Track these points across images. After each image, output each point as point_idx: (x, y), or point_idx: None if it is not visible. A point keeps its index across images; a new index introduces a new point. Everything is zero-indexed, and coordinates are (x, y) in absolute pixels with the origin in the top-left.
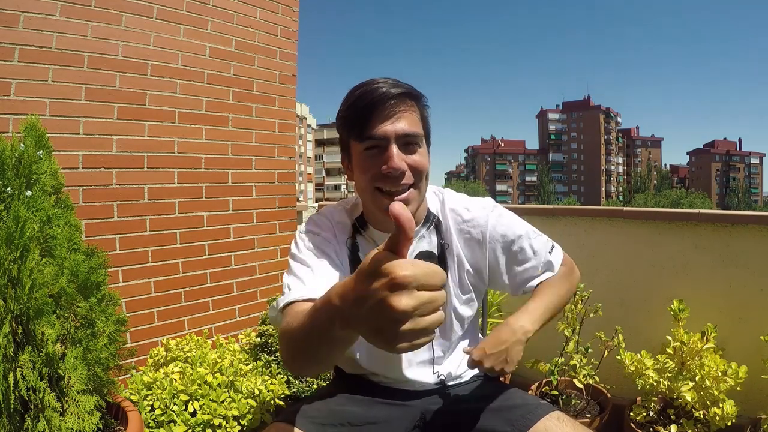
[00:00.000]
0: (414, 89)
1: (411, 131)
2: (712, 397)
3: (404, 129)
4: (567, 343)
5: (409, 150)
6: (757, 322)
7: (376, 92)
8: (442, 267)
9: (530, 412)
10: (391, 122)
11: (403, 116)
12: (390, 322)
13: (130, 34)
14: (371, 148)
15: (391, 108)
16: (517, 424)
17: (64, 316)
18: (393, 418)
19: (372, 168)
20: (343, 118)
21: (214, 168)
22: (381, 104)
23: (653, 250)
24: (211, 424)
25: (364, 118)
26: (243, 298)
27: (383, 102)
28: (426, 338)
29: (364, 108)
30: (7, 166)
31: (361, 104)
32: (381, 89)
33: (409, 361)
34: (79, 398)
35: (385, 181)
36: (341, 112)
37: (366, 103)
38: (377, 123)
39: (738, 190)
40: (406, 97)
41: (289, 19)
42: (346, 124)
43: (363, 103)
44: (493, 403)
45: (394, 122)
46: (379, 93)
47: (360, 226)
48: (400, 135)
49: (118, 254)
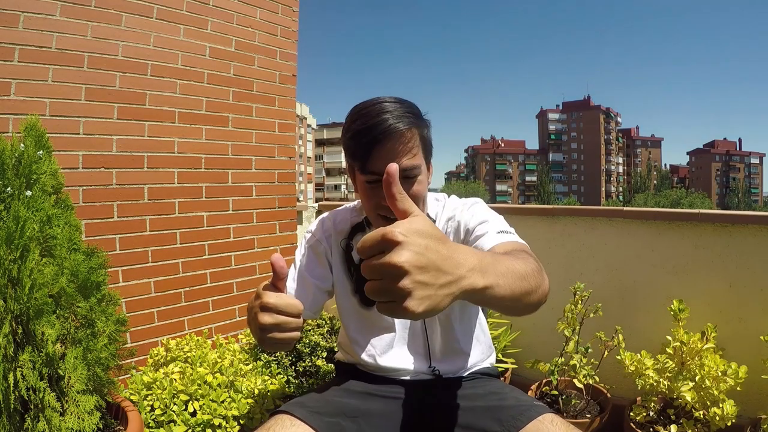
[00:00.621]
0: (415, 114)
1: (410, 165)
2: (712, 397)
3: (405, 165)
4: (567, 343)
5: (407, 183)
6: (757, 322)
7: (379, 128)
8: None
9: (522, 413)
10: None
11: (404, 152)
12: (258, 330)
13: (130, 34)
14: (373, 182)
15: (393, 146)
16: (507, 424)
17: (64, 316)
18: (388, 411)
19: (373, 198)
20: (345, 145)
21: (214, 168)
22: (382, 142)
23: (653, 250)
24: (211, 424)
25: (367, 154)
26: (243, 298)
27: (385, 139)
28: (284, 347)
29: (366, 144)
30: (7, 166)
31: (363, 140)
32: (383, 124)
33: (406, 355)
34: (79, 398)
35: (385, 210)
36: (344, 137)
37: (368, 139)
38: (378, 160)
39: (738, 190)
40: (406, 132)
41: (289, 19)
42: (348, 152)
43: (365, 139)
44: (487, 401)
45: (396, 160)
46: (381, 129)
47: (367, 224)
48: (401, 171)
49: (118, 254)
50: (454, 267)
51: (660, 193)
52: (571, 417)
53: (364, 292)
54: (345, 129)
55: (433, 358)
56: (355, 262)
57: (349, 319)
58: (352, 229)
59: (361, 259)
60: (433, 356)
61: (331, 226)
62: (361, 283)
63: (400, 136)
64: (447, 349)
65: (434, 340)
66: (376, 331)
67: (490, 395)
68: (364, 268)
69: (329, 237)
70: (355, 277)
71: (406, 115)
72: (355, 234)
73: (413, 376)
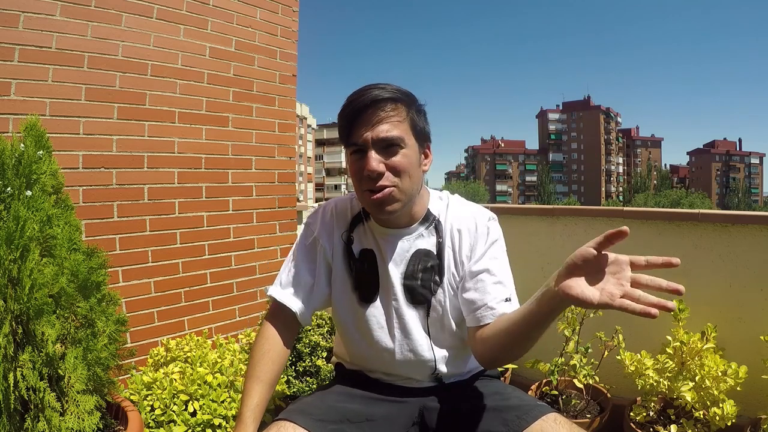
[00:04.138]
0: (401, 92)
1: (388, 136)
2: (712, 397)
3: (380, 134)
4: (567, 343)
5: (389, 153)
6: (756, 322)
7: (360, 99)
8: (438, 264)
9: (526, 413)
10: (369, 128)
11: (383, 122)
12: None
13: (130, 34)
14: (355, 153)
15: (372, 114)
16: (512, 424)
17: (64, 316)
18: (391, 415)
19: (358, 171)
20: (338, 125)
21: (214, 168)
22: (363, 111)
23: (653, 250)
24: (211, 424)
25: (349, 125)
26: (243, 298)
27: (365, 109)
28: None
29: (348, 115)
30: (7, 166)
31: (346, 112)
32: (366, 96)
33: (408, 360)
34: (79, 398)
35: (368, 182)
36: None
37: (350, 110)
38: (358, 129)
39: (738, 190)
40: (387, 102)
41: (289, 19)
42: (338, 131)
43: (348, 110)
44: (490, 402)
45: (373, 128)
46: (362, 100)
47: (365, 216)
48: (377, 140)
49: (118, 254)
50: None
51: (660, 193)
52: (572, 417)
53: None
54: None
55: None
56: (355, 256)
57: (346, 316)
58: (352, 221)
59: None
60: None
61: (332, 218)
62: (361, 279)
63: (383, 104)
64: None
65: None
66: (375, 329)
67: (492, 396)
68: None
69: (330, 233)
70: (355, 272)
71: (392, 90)
72: (356, 226)
73: (416, 383)
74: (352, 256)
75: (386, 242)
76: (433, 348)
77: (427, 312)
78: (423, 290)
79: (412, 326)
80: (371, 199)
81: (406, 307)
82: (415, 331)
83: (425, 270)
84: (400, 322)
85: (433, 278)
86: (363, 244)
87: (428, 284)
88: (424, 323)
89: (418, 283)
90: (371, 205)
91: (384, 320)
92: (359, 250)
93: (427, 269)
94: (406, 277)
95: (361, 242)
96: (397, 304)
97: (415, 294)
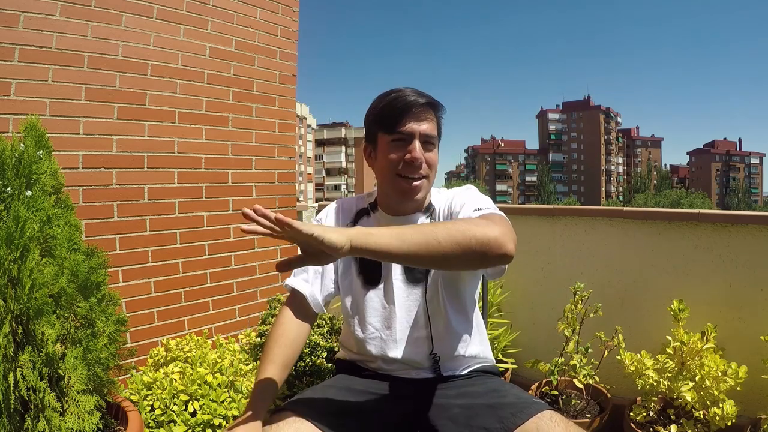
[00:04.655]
0: (436, 100)
1: (431, 133)
2: (712, 397)
3: (426, 130)
4: (567, 343)
5: (427, 148)
6: (756, 322)
7: (409, 98)
8: None
9: (521, 410)
10: (417, 123)
11: (427, 121)
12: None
13: (130, 34)
14: (397, 140)
15: (419, 113)
16: (506, 421)
17: (64, 316)
18: (387, 409)
19: (396, 156)
20: (377, 114)
21: (214, 168)
22: (413, 107)
23: (653, 250)
24: (211, 424)
25: (397, 117)
26: (243, 298)
27: (415, 107)
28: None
29: (398, 108)
30: (7, 166)
31: (395, 104)
32: (411, 97)
33: (408, 339)
34: (79, 398)
35: (406, 168)
36: (376, 110)
37: (400, 105)
38: (407, 122)
39: (738, 190)
40: (429, 107)
41: (289, 19)
42: (378, 120)
43: (398, 104)
44: (486, 399)
45: (420, 124)
46: (411, 99)
47: (371, 209)
48: (423, 134)
49: (118, 254)
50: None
51: (660, 193)
52: (571, 417)
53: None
54: (374, 105)
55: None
56: None
57: (352, 299)
58: (357, 214)
59: None
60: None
61: (338, 213)
62: (365, 263)
63: (430, 107)
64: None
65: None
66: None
67: (490, 393)
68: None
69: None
70: (359, 259)
71: (429, 97)
72: (360, 218)
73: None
74: None
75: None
76: (430, 325)
77: (425, 290)
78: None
79: (411, 303)
80: (410, 186)
81: (405, 286)
82: (414, 307)
83: None
84: (400, 300)
85: None
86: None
87: None
88: (422, 300)
89: None
90: (405, 191)
91: (386, 300)
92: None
93: None
94: None
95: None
96: (399, 284)
97: (414, 273)
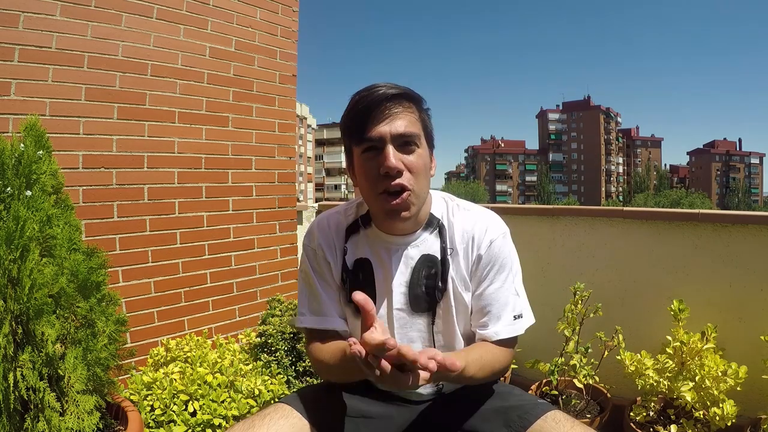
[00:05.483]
0: (411, 91)
1: (407, 131)
2: (712, 397)
3: (399, 129)
4: (567, 343)
5: (406, 150)
6: (756, 322)
7: (373, 95)
8: (443, 270)
9: (527, 412)
10: (386, 123)
11: (399, 117)
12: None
13: (130, 34)
14: (369, 150)
15: (387, 109)
16: (514, 425)
17: (64, 316)
18: (390, 415)
19: (371, 171)
20: (343, 124)
21: (214, 168)
22: (377, 106)
23: (653, 250)
24: (211, 424)
25: (362, 121)
26: (243, 298)
27: (379, 104)
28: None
29: (360, 111)
30: (7, 166)
31: (358, 108)
32: (378, 92)
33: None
34: (79, 398)
35: (384, 181)
36: (342, 119)
37: (363, 106)
38: (373, 125)
39: (738, 190)
40: (402, 99)
41: (289, 19)
42: (346, 130)
43: (360, 106)
44: (490, 404)
45: (390, 123)
46: (375, 95)
47: (363, 224)
48: (395, 135)
49: (118, 254)
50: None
51: (660, 193)
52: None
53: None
54: (343, 115)
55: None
56: (348, 267)
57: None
58: (347, 230)
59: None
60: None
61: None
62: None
63: (395, 103)
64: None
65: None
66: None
67: (493, 397)
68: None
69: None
70: (348, 285)
71: (403, 88)
72: (350, 236)
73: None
74: (345, 267)
75: (390, 250)
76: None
77: (432, 320)
78: (427, 297)
79: (415, 335)
80: (391, 205)
81: (410, 316)
82: (419, 339)
83: (429, 277)
84: (402, 331)
85: (438, 285)
86: (357, 254)
87: (432, 291)
88: (429, 331)
89: (422, 290)
90: (388, 211)
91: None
92: (353, 261)
93: (431, 276)
94: (411, 284)
95: (355, 252)
96: (401, 313)
97: (420, 301)
